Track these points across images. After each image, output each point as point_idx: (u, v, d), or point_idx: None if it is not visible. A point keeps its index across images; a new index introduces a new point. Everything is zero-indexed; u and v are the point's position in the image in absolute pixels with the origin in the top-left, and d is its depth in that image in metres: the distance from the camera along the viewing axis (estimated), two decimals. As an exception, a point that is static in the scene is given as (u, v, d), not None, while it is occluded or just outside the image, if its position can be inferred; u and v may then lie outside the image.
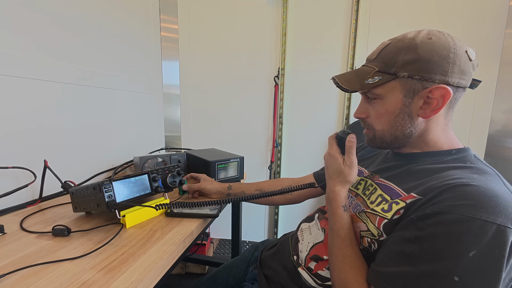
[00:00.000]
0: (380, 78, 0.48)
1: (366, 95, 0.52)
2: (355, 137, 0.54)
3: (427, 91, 0.46)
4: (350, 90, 0.50)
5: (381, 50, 0.50)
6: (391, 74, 0.47)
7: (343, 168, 0.52)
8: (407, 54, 0.46)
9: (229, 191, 0.84)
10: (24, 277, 0.44)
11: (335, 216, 0.51)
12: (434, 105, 0.47)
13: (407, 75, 0.46)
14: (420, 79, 0.45)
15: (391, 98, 0.48)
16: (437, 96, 0.46)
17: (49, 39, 0.83)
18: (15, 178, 0.73)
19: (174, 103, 1.61)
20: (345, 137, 0.55)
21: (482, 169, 0.44)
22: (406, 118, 0.49)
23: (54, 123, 0.85)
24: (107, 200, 0.58)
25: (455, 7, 1.31)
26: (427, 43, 0.45)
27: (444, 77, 0.45)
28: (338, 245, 0.49)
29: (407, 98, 0.47)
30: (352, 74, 0.53)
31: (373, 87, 0.49)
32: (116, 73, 1.13)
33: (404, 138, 0.51)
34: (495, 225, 0.35)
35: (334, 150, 0.55)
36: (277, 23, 1.48)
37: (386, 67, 0.48)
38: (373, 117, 0.52)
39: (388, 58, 0.48)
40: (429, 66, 0.45)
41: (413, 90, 0.47)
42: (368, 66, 0.51)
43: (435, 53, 0.44)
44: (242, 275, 0.76)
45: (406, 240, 0.40)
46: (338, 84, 0.51)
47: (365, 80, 0.49)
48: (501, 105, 1.31)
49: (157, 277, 0.48)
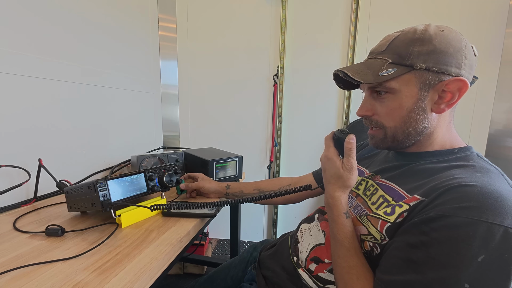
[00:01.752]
0: (395, 70, 0.44)
1: (374, 91, 0.49)
2: (355, 138, 0.50)
3: (443, 84, 0.44)
4: (362, 82, 0.45)
5: (390, 41, 0.47)
6: (407, 66, 0.44)
7: (342, 172, 0.49)
8: (422, 45, 0.43)
9: (227, 190, 0.83)
10: (15, 278, 0.42)
11: (337, 224, 0.48)
12: (448, 99, 0.45)
13: (425, 66, 0.43)
14: (437, 72, 0.43)
15: (405, 92, 0.45)
16: (453, 89, 0.44)
17: (46, 37, 0.82)
18: (8, 177, 0.72)
19: (172, 103, 1.59)
20: (343, 137, 0.50)
21: (485, 168, 0.43)
22: (420, 113, 0.46)
23: (50, 121, 0.84)
24: (102, 199, 0.57)
25: (455, 6, 1.31)
26: (441, 35, 0.43)
27: (458, 70, 0.44)
28: (343, 255, 0.46)
29: (423, 91, 0.45)
30: (362, 66, 0.48)
31: (387, 80, 0.45)
32: (113, 72, 1.12)
33: (416, 136, 0.48)
34: (503, 227, 0.34)
35: (332, 152, 0.52)
36: (276, 22, 1.47)
37: (400, 58, 0.45)
38: (382, 113, 0.48)
39: (401, 49, 0.45)
40: (446, 57, 0.43)
41: (429, 83, 0.44)
42: (378, 58, 0.47)
43: (450, 45, 0.43)
44: (241, 276, 0.75)
45: (411, 245, 0.39)
46: (347, 76, 0.47)
47: (378, 72, 0.45)
48: (501, 104, 1.30)
49: (152, 278, 0.47)
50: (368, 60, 0.50)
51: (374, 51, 0.50)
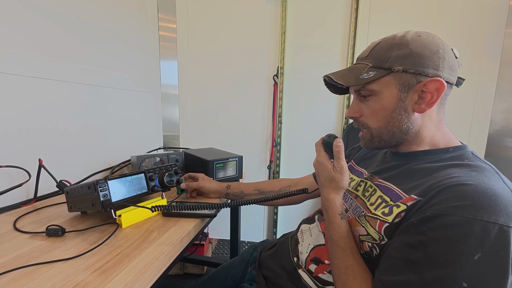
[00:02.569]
0: (375, 73, 0.48)
1: (359, 93, 0.52)
2: (342, 141, 0.53)
3: (421, 84, 0.46)
4: (345, 85, 0.50)
5: (372, 48, 0.50)
6: (386, 69, 0.48)
7: (334, 175, 0.51)
8: (400, 50, 0.47)
9: (228, 190, 0.83)
10: (15, 278, 0.42)
11: (332, 225, 0.50)
12: (428, 99, 0.47)
13: (402, 69, 0.46)
14: (414, 73, 0.46)
15: (386, 93, 0.48)
16: (432, 89, 0.46)
17: (45, 37, 0.82)
18: (8, 178, 0.72)
19: (172, 103, 1.59)
20: (331, 141, 0.53)
21: (480, 167, 0.43)
22: (402, 113, 0.49)
23: (50, 121, 0.84)
24: (102, 200, 0.57)
25: (455, 6, 1.31)
26: (417, 39, 0.47)
27: (436, 71, 0.46)
28: (339, 256, 0.47)
29: (403, 92, 0.48)
30: (345, 71, 0.52)
31: (368, 83, 0.48)
32: (113, 72, 1.12)
33: (401, 135, 0.50)
34: (497, 225, 0.34)
35: (322, 157, 0.54)
36: (276, 22, 1.47)
37: (380, 62, 0.48)
38: (367, 115, 0.52)
39: (381, 54, 0.49)
40: (422, 60, 0.46)
41: (407, 84, 0.47)
42: (361, 63, 0.51)
43: (426, 48, 0.46)
44: (241, 276, 0.75)
45: (409, 245, 0.39)
46: (332, 80, 0.51)
47: (359, 75, 0.49)
48: (501, 104, 1.30)
49: (153, 278, 0.47)
50: (353, 65, 0.53)
51: (359, 57, 0.53)
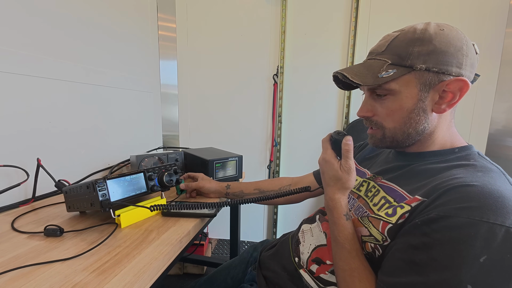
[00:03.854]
0: (395, 71, 0.44)
1: (374, 92, 0.48)
2: (352, 139, 0.50)
3: (444, 84, 0.43)
4: (362, 84, 0.45)
5: (390, 42, 0.46)
6: (407, 67, 0.44)
7: (341, 174, 0.49)
8: (422, 46, 0.43)
9: (228, 190, 0.83)
10: (13, 279, 0.42)
11: (338, 226, 0.48)
12: (449, 99, 0.44)
13: (425, 67, 0.43)
14: (438, 72, 0.43)
15: (405, 93, 0.45)
16: (454, 89, 0.43)
17: (45, 36, 0.81)
18: (7, 177, 0.71)
19: (172, 103, 1.59)
20: (340, 139, 0.50)
21: (486, 167, 0.43)
22: (421, 114, 0.45)
23: (48, 120, 0.83)
24: (101, 199, 0.56)
25: (455, 5, 1.30)
26: (441, 34, 0.43)
27: (459, 69, 0.43)
28: (344, 258, 0.46)
29: (423, 92, 0.44)
30: (361, 68, 0.48)
31: (387, 82, 0.45)
32: (112, 71, 1.11)
33: (416, 136, 0.48)
34: (504, 227, 0.33)
35: (329, 155, 0.51)
36: (276, 21, 1.47)
37: (400, 59, 0.44)
38: (383, 114, 0.48)
39: (400, 49, 0.44)
40: (446, 57, 0.42)
41: (429, 83, 0.44)
42: (378, 59, 0.47)
43: (450, 44, 0.42)
44: (241, 276, 0.74)
45: (413, 247, 0.38)
46: (346, 78, 0.46)
47: (378, 73, 0.45)
48: (501, 104, 1.30)
49: (152, 278, 0.47)
50: (367, 61, 0.49)
51: (374, 51, 0.49)
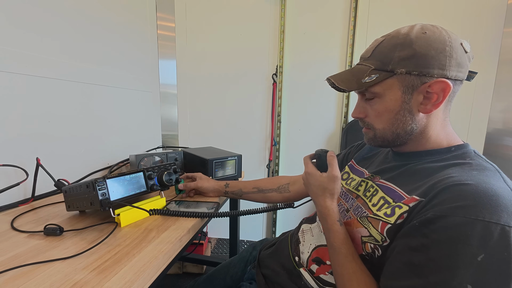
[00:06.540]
0: (377, 76, 0.46)
1: (364, 95, 0.51)
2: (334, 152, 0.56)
3: (426, 86, 0.45)
4: (347, 90, 0.49)
5: (375, 47, 0.49)
6: (388, 72, 0.46)
7: (326, 183, 0.52)
8: (403, 50, 0.45)
9: (226, 189, 0.83)
10: (13, 278, 0.42)
11: (333, 232, 0.50)
12: (434, 100, 0.46)
13: (405, 71, 0.45)
14: (418, 75, 0.44)
15: (390, 96, 0.47)
16: (437, 90, 0.45)
17: (42, 36, 0.81)
18: (6, 177, 0.71)
19: (171, 102, 1.59)
20: (324, 154, 0.55)
21: (481, 165, 0.43)
22: (407, 115, 0.48)
23: (47, 120, 0.83)
24: (101, 198, 0.56)
25: (453, 5, 1.31)
26: (422, 38, 0.44)
27: (442, 71, 0.44)
28: (342, 262, 0.47)
29: (406, 94, 0.46)
30: (348, 74, 0.51)
31: (371, 86, 0.47)
32: (112, 71, 1.11)
33: (405, 135, 0.50)
34: (500, 225, 0.34)
35: (311, 168, 0.56)
36: (275, 20, 1.47)
37: (382, 64, 0.47)
38: (372, 116, 0.51)
39: (383, 55, 0.47)
40: (426, 61, 0.44)
41: (411, 86, 0.46)
42: (364, 64, 0.50)
43: (431, 48, 0.44)
44: (240, 275, 0.75)
45: (412, 249, 0.39)
46: (334, 84, 0.50)
47: (361, 79, 0.48)
48: (499, 103, 1.31)
49: (152, 277, 0.47)
50: (356, 66, 0.52)
51: (362, 56, 0.52)
